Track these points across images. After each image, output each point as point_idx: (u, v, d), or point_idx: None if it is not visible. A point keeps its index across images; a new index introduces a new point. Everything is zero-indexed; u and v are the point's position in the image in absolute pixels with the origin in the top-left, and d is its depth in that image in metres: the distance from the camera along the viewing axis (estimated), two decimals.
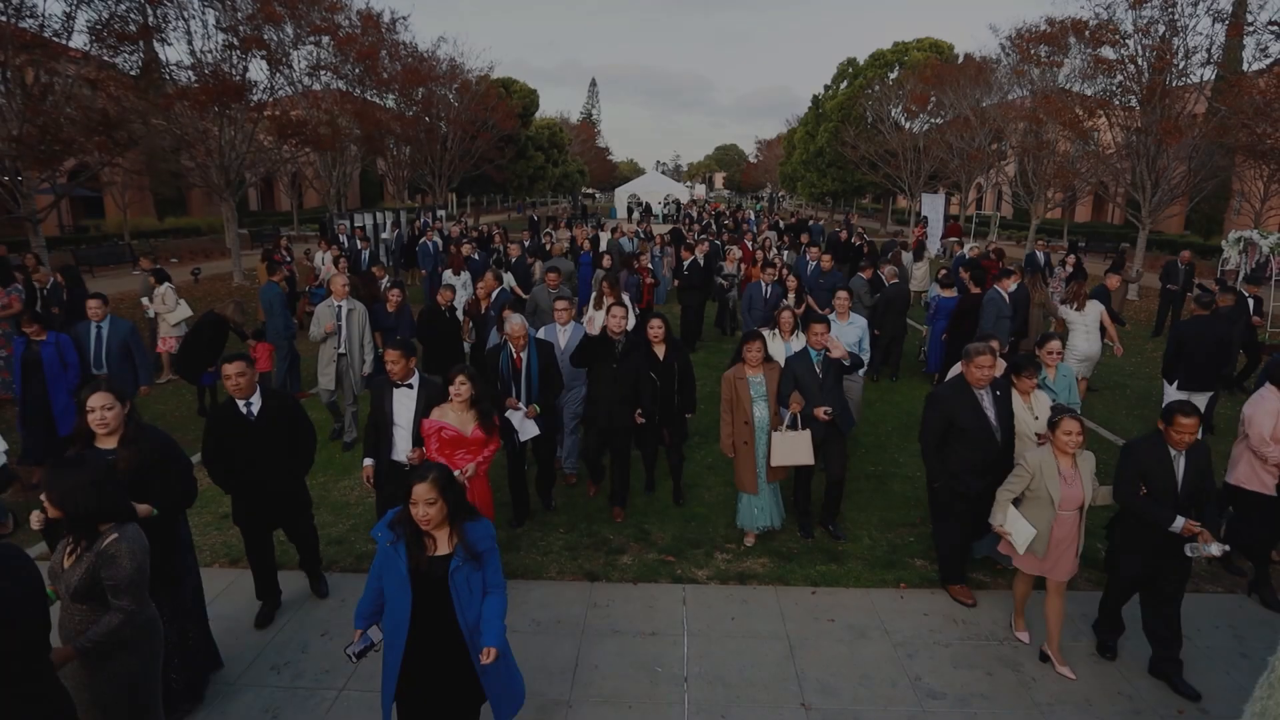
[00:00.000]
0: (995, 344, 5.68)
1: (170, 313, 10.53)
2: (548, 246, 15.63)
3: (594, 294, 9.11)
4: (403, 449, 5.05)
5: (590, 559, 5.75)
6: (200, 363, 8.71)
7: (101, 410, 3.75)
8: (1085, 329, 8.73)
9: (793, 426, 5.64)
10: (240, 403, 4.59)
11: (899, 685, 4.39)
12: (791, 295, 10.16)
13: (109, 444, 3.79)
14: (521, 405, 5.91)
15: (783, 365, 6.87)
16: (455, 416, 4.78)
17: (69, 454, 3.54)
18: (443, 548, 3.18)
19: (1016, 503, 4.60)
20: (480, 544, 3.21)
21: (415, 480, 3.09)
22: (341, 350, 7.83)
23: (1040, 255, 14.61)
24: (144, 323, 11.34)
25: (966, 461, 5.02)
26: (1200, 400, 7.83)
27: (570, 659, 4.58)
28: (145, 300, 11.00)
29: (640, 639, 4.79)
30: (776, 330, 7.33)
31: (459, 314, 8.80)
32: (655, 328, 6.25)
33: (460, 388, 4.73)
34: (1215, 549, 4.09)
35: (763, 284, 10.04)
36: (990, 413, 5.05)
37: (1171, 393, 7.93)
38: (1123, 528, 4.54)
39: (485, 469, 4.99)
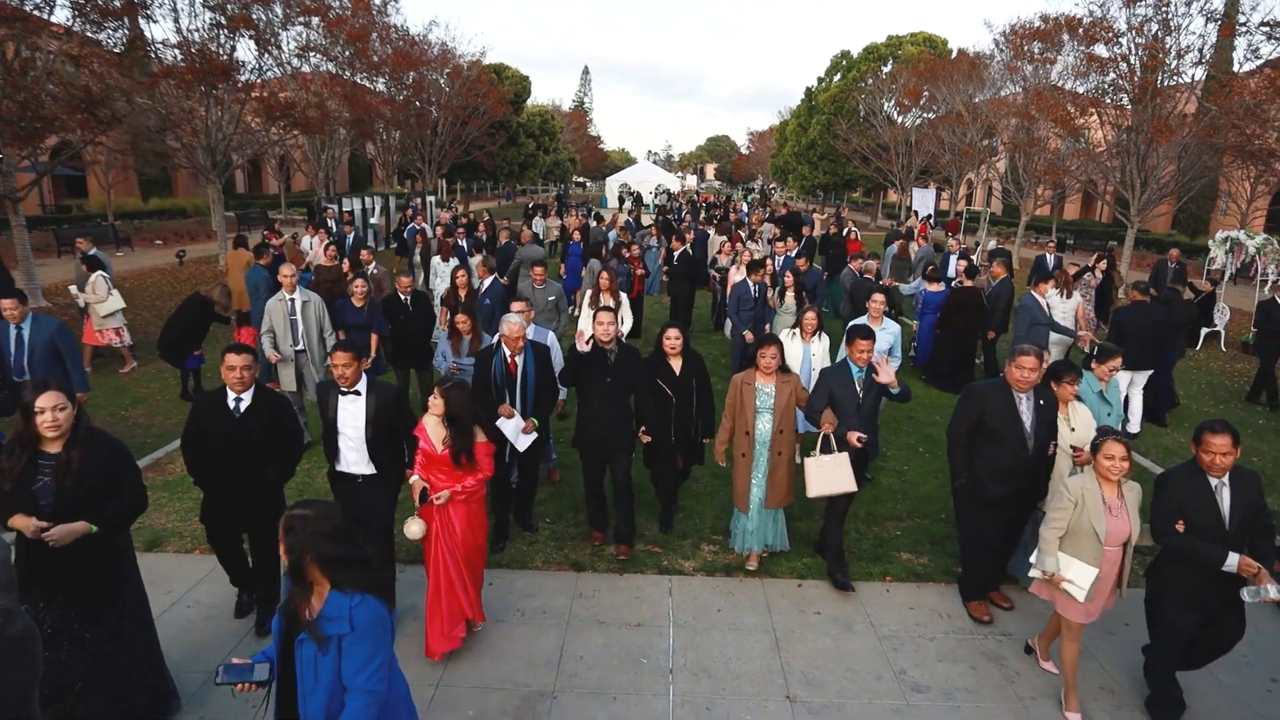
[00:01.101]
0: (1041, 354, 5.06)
1: (101, 303, 9.85)
2: (517, 235, 14.95)
3: (589, 291, 8.73)
4: (350, 460, 4.54)
5: (576, 549, 5.72)
6: (184, 346, 8.59)
7: (53, 411, 3.37)
8: (1063, 315, 9.18)
9: (826, 450, 5.01)
10: (230, 395, 4.37)
11: (884, 678, 4.40)
12: (790, 294, 9.50)
13: (55, 448, 3.44)
14: (517, 414, 5.41)
15: (798, 370, 6.61)
16: (432, 429, 4.33)
17: (7, 459, 3.36)
18: (316, 607, 2.53)
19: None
20: (329, 626, 2.45)
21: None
22: (299, 346, 7.31)
23: (1050, 259, 13.70)
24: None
25: (990, 463, 4.75)
26: (1140, 378, 8.71)
27: (555, 650, 4.55)
28: (74, 289, 10.27)
29: (626, 630, 4.77)
30: (797, 330, 7.01)
31: (435, 305, 8.43)
32: (672, 338, 5.62)
33: (434, 401, 4.26)
34: (1275, 591, 3.58)
35: (750, 283, 9.22)
36: (1026, 418, 4.72)
37: (1128, 377, 8.63)
38: (1165, 572, 4.02)
39: (473, 501, 4.37)
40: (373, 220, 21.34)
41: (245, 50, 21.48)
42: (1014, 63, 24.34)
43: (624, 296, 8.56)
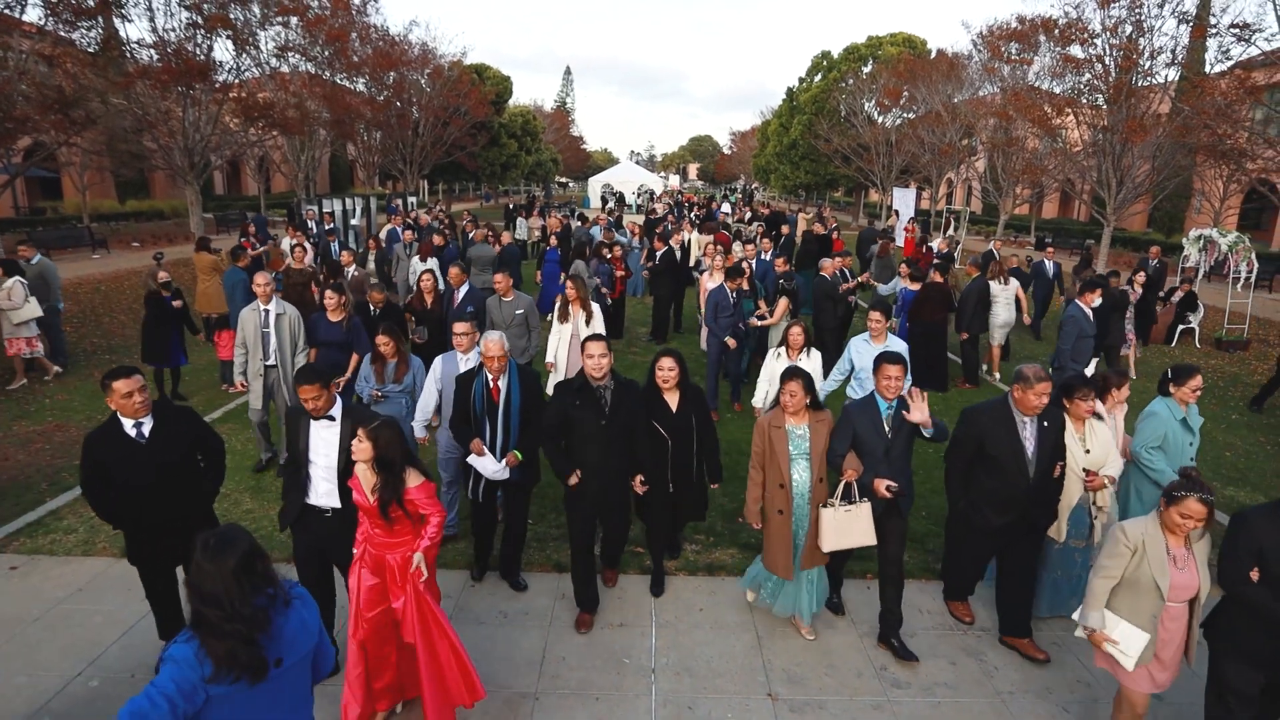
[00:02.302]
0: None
1: (16, 311, 9.27)
2: (470, 233, 14.18)
3: (557, 303, 7.78)
4: (321, 491, 4.08)
5: (559, 550, 5.71)
6: (155, 344, 8.57)
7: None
8: (1005, 301, 10.29)
9: (847, 499, 4.37)
10: (128, 423, 3.89)
11: (864, 675, 4.43)
12: (782, 303, 9.00)
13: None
14: (489, 451, 4.75)
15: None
16: (364, 476, 3.69)
17: None
18: None
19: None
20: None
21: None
22: (270, 361, 6.70)
23: (1050, 265, 13.40)
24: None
25: (989, 492, 4.44)
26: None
27: (537, 651, 4.55)
28: None
29: (608, 630, 4.78)
30: (783, 349, 6.40)
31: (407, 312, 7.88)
32: (666, 369, 4.82)
33: (359, 445, 3.60)
34: None
35: (727, 290, 8.46)
36: (1029, 444, 4.35)
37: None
38: (1227, 625, 3.45)
39: (416, 571, 3.64)
40: (353, 221, 21.18)
41: (223, 50, 21.33)
42: (991, 63, 24.65)
43: (596, 307, 7.65)
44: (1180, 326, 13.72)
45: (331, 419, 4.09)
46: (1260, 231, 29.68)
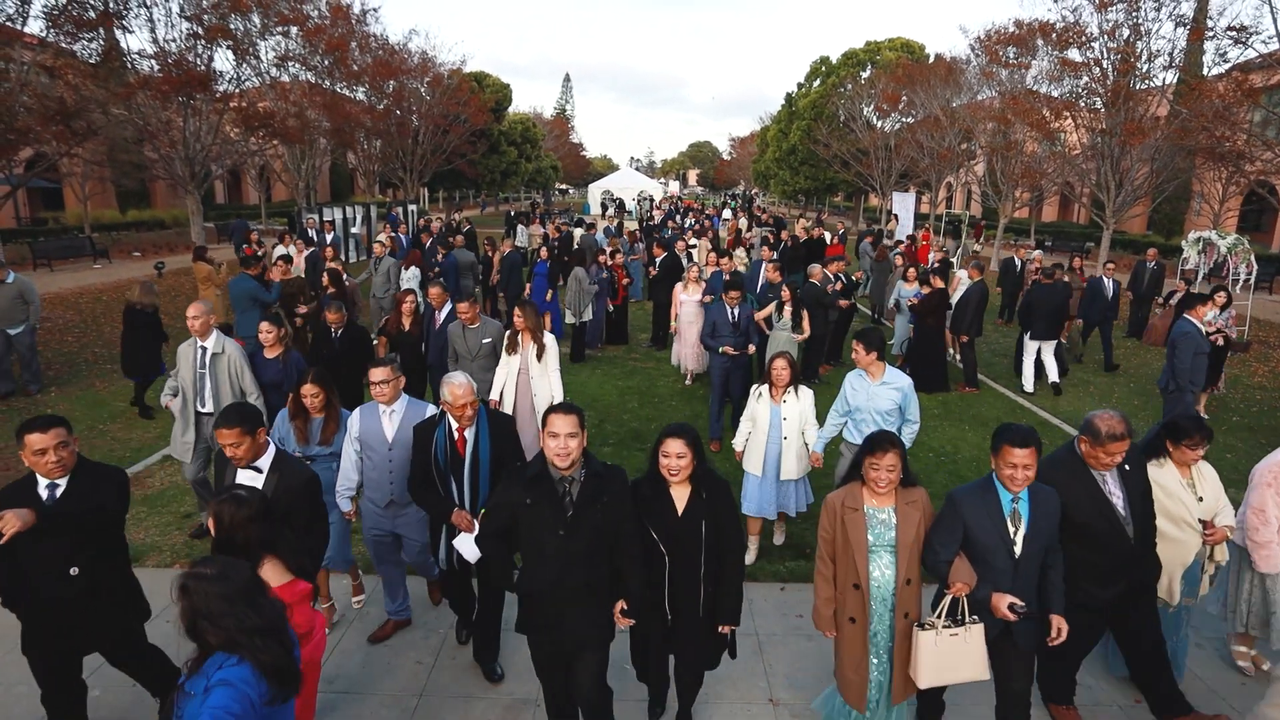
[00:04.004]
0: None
1: None
2: (425, 241, 13.75)
3: (506, 335, 6.52)
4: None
5: None
6: (135, 359, 8.57)
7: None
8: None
9: (953, 618, 3.32)
10: (42, 482, 3.31)
11: None
12: (787, 312, 8.57)
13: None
14: (474, 521, 3.94)
15: (763, 445, 5.32)
16: None
17: None
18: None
19: None
20: (196, 683, 2.24)
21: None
22: (206, 409, 5.64)
23: (1109, 283, 11.88)
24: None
25: (1088, 565, 3.65)
26: (1048, 347, 10.23)
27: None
28: None
29: None
30: (765, 387, 5.47)
31: (373, 335, 7.28)
32: (674, 456, 3.33)
33: (210, 523, 2.99)
34: None
35: (726, 305, 7.83)
36: (1117, 499, 3.64)
37: (1028, 343, 10.27)
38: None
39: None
40: (354, 230, 21.24)
41: (223, 60, 21.45)
42: (989, 68, 24.70)
43: (551, 340, 6.45)
44: None
45: (258, 470, 3.58)
46: (1260, 233, 29.70)
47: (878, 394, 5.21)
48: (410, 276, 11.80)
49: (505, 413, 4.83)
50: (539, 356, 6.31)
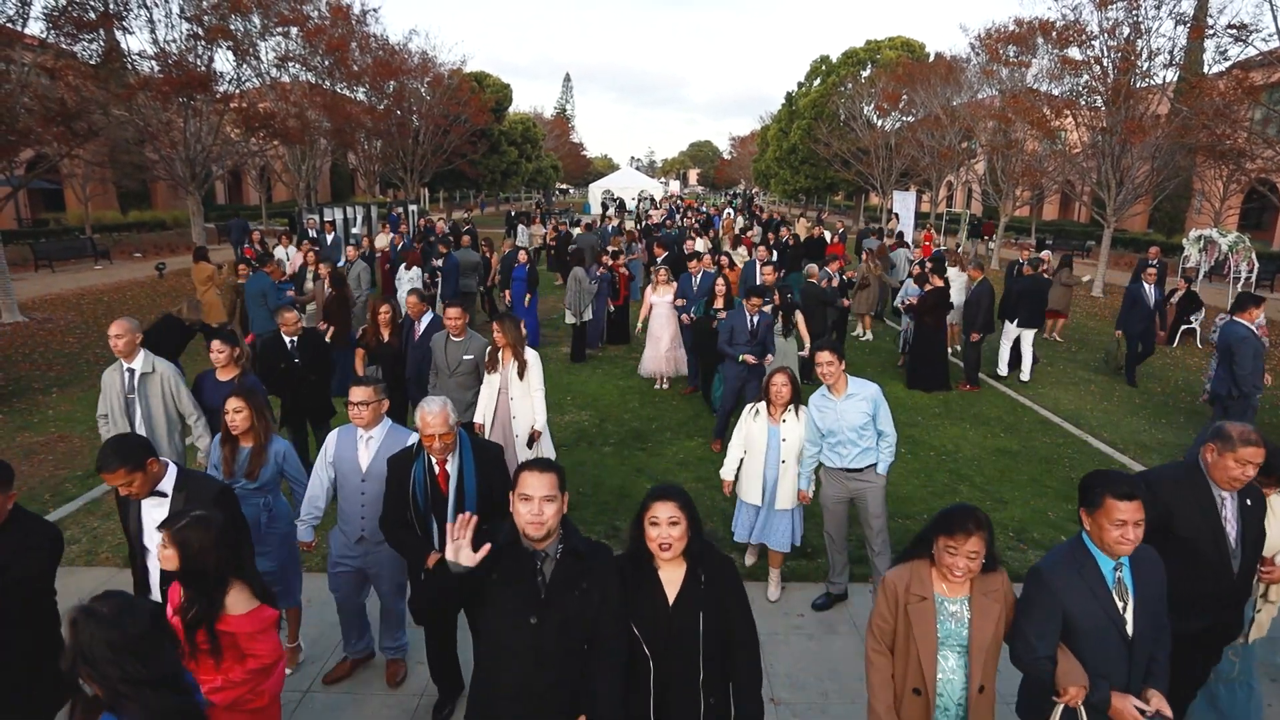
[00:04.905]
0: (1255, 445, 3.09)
1: None
2: (439, 232, 13.53)
3: (487, 352, 5.89)
4: (159, 585, 3.27)
5: None
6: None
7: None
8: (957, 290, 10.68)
9: None
10: None
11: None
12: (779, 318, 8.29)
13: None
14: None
15: (760, 468, 4.88)
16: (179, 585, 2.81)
17: None
18: None
19: None
20: None
21: None
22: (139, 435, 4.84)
23: (1150, 291, 10.71)
24: None
25: (1184, 586, 3.06)
26: (1029, 334, 10.72)
27: None
28: None
29: None
30: (762, 405, 5.00)
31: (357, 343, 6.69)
32: (664, 523, 2.59)
33: (164, 552, 2.68)
34: None
35: (746, 312, 7.53)
36: (1230, 527, 3.21)
37: (1010, 329, 10.68)
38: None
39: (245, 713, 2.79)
40: (354, 230, 21.22)
41: (223, 61, 21.48)
42: (990, 66, 24.68)
43: (534, 356, 5.84)
44: (1182, 327, 13.72)
45: (162, 494, 3.26)
46: (1260, 231, 29.67)
47: (846, 410, 4.72)
48: (412, 277, 11.78)
49: (493, 441, 4.45)
50: (520, 374, 5.75)
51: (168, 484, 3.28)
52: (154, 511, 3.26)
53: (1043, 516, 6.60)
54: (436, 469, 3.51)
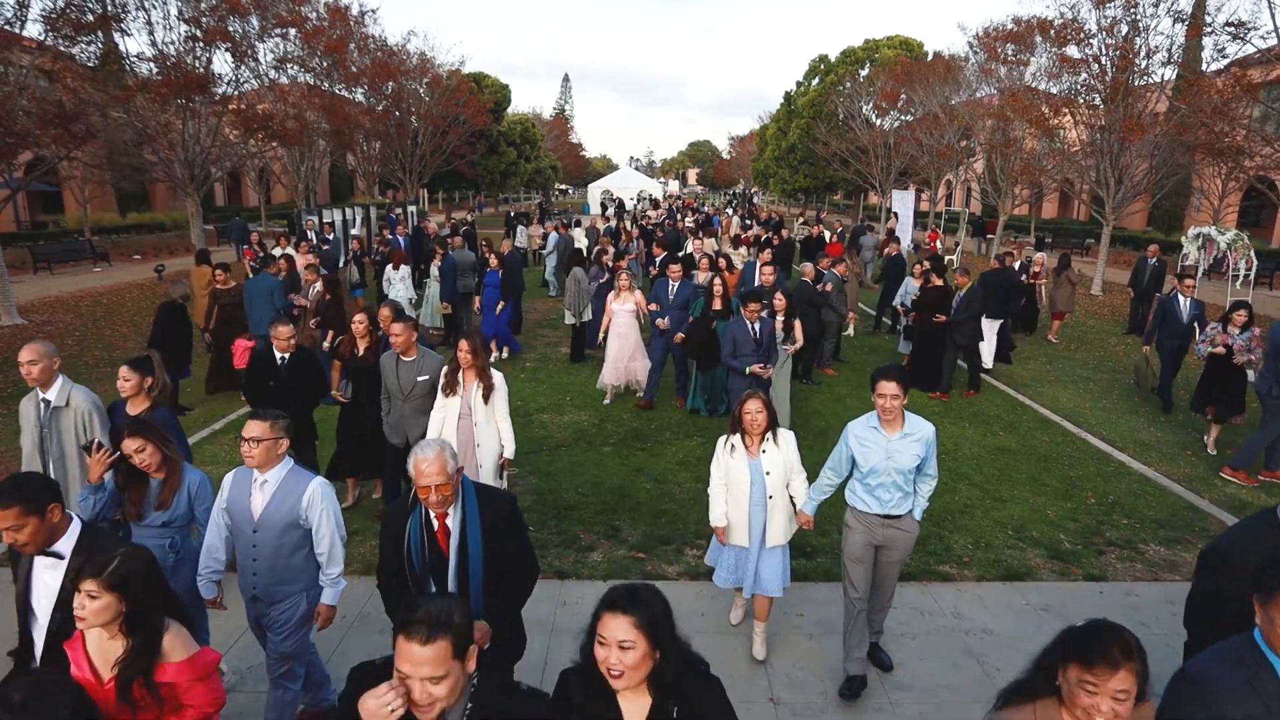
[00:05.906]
0: None
1: None
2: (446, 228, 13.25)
3: (445, 370, 5.28)
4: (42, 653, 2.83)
5: (560, 556, 5.72)
6: (172, 355, 8.59)
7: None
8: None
9: None
10: None
11: (866, 677, 4.42)
12: (779, 321, 8.18)
13: None
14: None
15: (745, 509, 4.27)
16: (96, 642, 2.42)
17: None
18: None
19: None
20: None
21: None
22: (54, 475, 4.44)
23: (1185, 304, 9.77)
24: None
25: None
26: (994, 324, 10.97)
27: (539, 658, 4.54)
28: None
29: None
30: (736, 438, 4.33)
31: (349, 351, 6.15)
32: (614, 646, 2.01)
33: (91, 605, 2.30)
34: None
35: (747, 322, 7.31)
36: None
37: (987, 324, 10.72)
38: None
39: None
40: (354, 231, 21.18)
41: (222, 62, 21.50)
42: (988, 65, 24.68)
43: (499, 378, 5.25)
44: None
45: (58, 556, 2.76)
46: (1259, 229, 29.68)
47: (899, 450, 3.98)
48: (403, 276, 11.72)
49: (504, 489, 3.87)
50: (485, 398, 5.14)
51: (66, 544, 2.78)
52: (45, 575, 2.77)
53: (1042, 515, 6.61)
54: (436, 525, 3.00)
